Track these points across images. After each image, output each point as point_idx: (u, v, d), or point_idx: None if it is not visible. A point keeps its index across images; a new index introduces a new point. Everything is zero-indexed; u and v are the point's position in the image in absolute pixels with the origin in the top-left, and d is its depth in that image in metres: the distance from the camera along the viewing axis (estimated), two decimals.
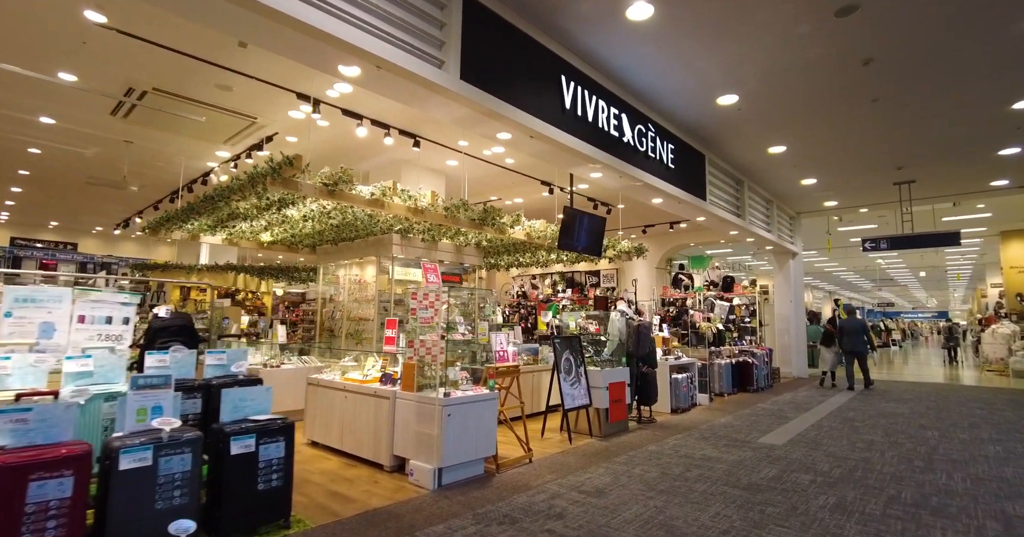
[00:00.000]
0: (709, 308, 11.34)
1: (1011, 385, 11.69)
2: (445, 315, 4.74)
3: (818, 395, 9.66)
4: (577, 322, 6.66)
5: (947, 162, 9.14)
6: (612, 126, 6.22)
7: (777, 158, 8.95)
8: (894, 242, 10.47)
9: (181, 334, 4.30)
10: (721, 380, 9.45)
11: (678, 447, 5.60)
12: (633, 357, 6.76)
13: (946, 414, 7.76)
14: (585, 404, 6.01)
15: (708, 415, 7.53)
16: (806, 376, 12.70)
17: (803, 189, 10.89)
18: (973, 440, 6.09)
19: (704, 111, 7.10)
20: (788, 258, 12.88)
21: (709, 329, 9.86)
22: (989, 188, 10.74)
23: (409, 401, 4.55)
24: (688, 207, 8.30)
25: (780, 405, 8.48)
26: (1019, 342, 14.01)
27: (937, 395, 9.77)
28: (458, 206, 6.55)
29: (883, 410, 8.05)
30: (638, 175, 6.70)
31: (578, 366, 6.06)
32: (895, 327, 31.71)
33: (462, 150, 8.16)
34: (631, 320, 6.70)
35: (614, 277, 16.59)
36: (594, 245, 7.16)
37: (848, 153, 8.76)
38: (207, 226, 8.00)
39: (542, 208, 12.09)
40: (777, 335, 12.85)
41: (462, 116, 4.94)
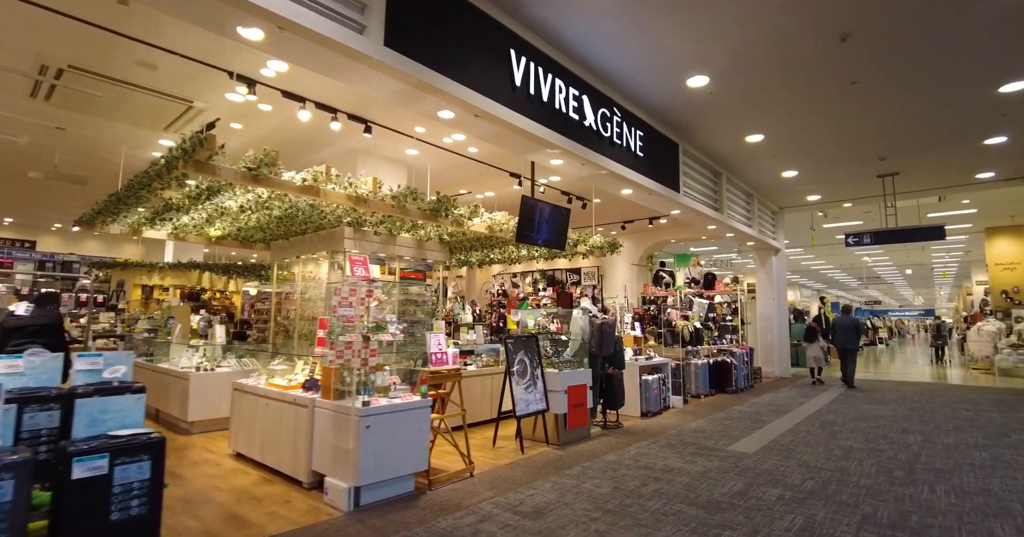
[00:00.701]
0: (688, 306, 10.87)
1: (997, 384, 11.31)
2: (375, 313, 4.21)
3: (799, 396, 9.21)
4: (537, 320, 6.14)
5: (931, 153, 8.71)
6: (571, 108, 5.70)
7: (755, 148, 8.48)
8: (878, 237, 10.05)
9: (43, 334, 3.74)
10: (697, 381, 8.97)
11: (640, 457, 5.10)
12: (596, 358, 6.26)
13: (930, 416, 7.32)
14: (541, 410, 5.50)
15: (679, 419, 7.04)
16: (789, 376, 12.27)
17: (784, 182, 10.45)
18: (958, 446, 5.63)
19: (674, 95, 6.61)
20: (771, 254, 12.44)
21: (685, 328, 9.38)
22: (974, 181, 10.34)
23: (327, 410, 4.01)
24: (660, 199, 7.80)
25: (757, 407, 8.01)
26: (1005, 340, 13.67)
27: (922, 395, 9.35)
28: (406, 195, 6.01)
29: (865, 412, 7.60)
30: (602, 163, 6.19)
31: (534, 368, 5.55)
32: (882, 325, 31.48)
33: (419, 137, 7.62)
34: (594, 318, 6.19)
35: (595, 275, 16.12)
36: (557, 238, 6.65)
37: (829, 143, 8.30)
38: (145, 219, 7.42)
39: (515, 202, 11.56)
40: (759, 334, 12.41)
41: (393, 90, 4.41)
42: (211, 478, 4.36)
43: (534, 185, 7.10)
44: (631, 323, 8.25)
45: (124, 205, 6.38)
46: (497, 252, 9.95)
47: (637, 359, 7.41)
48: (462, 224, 6.87)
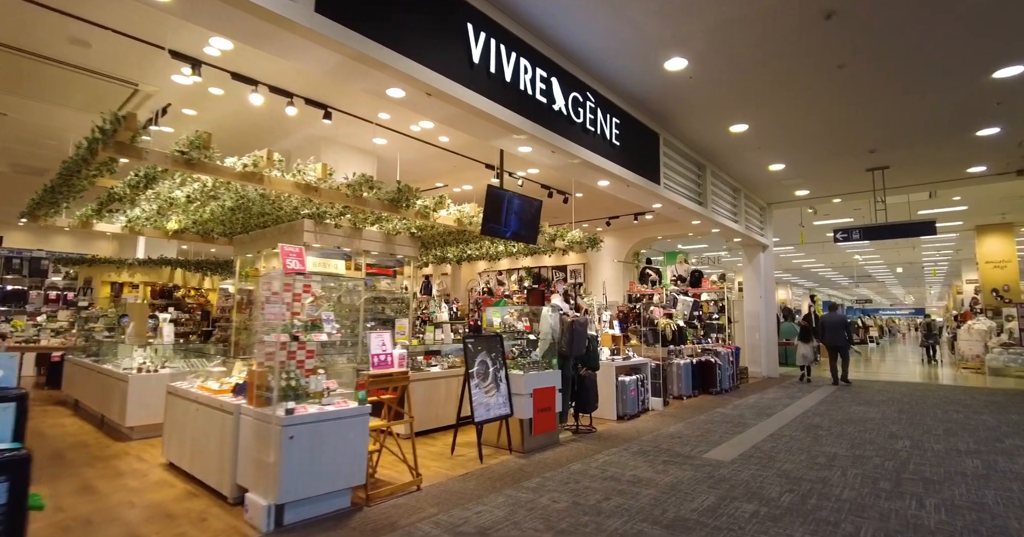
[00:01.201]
0: (672, 303, 10.49)
1: (988, 384, 11.01)
2: (309, 310, 3.79)
3: (785, 397, 8.85)
4: (504, 318, 5.73)
5: (922, 145, 8.36)
6: (538, 91, 5.29)
7: (740, 139, 8.10)
8: (867, 232, 9.70)
9: None
10: (680, 382, 8.59)
11: (607, 465, 4.70)
12: (567, 358, 5.86)
13: (920, 419, 6.96)
14: (504, 415, 5.09)
15: (657, 423, 6.65)
16: (777, 376, 11.92)
17: (772, 176, 10.08)
18: (948, 452, 5.27)
19: (652, 79, 6.20)
20: (758, 251, 12.08)
21: (667, 326, 8.99)
22: (966, 175, 10.01)
23: (251, 418, 3.59)
24: (640, 192, 7.40)
25: (741, 410, 7.63)
26: (995, 339, 13.38)
27: (911, 396, 9.01)
28: (361, 183, 5.58)
29: (852, 415, 7.24)
30: (574, 151, 5.78)
31: (497, 370, 5.14)
32: (872, 324, 31.30)
33: (383, 124, 7.19)
34: (564, 316, 5.79)
35: (581, 272, 15.73)
36: (527, 231, 6.24)
37: (816, 134, 7.93)
38: (92, 211, 6.96)
39: None
40: (746, 332, 12.05)
41: (332, 65, 3.98)
42: (130, 492, 3.93)
43: (502, 174, 6.67)
44: (609, 321, 7.86)
45: (60, 195, 5.92)
46: (474, 247, 9.54)
47: (614, 359, 7.02)
48: (428, 216, 6.45)
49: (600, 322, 7.84)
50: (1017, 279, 16.38)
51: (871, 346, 27.66)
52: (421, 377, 5.75)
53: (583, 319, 5.83)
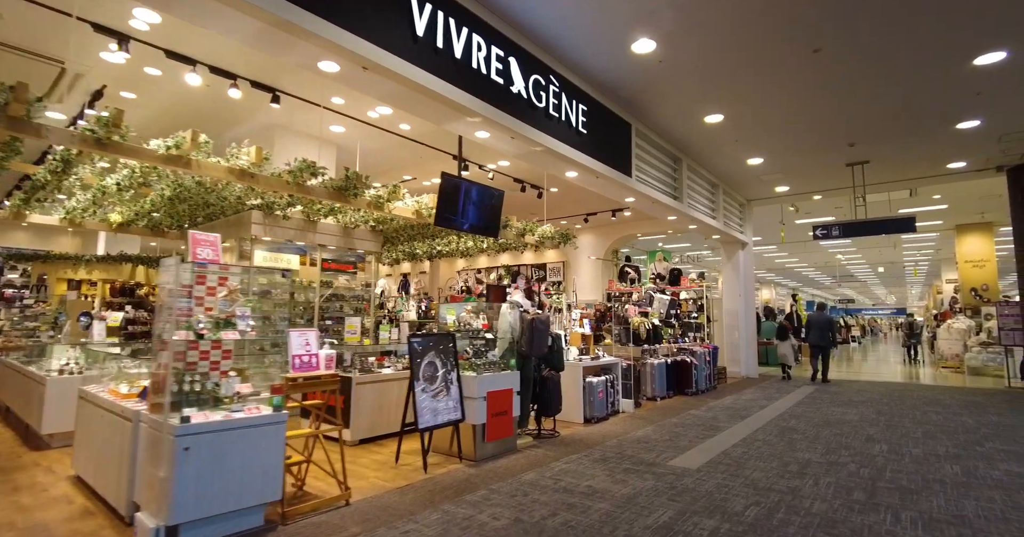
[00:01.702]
0: (648, 302, 10.16)
1: (967, 384, 10.83)
2: (222, 305, 3.36)
3: (762, 398, 8.55)
4: (459, 316, 5.33)
5: (902, 139, 8.11)
6: (494, 71, 4.90)
7: (716, 130, 7.78)
8: (846, 229, 9.45)
9: None
10: (653, 382, 8.26)
11: (562, 475, 4.32)
12: (528, 358, 5.47)
13: (898, 421, 6.68)
14: (454, 420, 4.69)
15: (625, 426, 6.29)
16: (756, 376, 11.65)
17: (750, 171, 9.79)
18: (927, 457, 4.97)
19: (619, 63, 5.85)
20: (738, 249, 11.81)
21: (641, 325, 8.65)
22: (946, 172, 9.81)
23: (147, 426, 3.15)
24: (610, 184, 7.04)
25: (716, 411, 7.31)
26: (974, 338, 13.25)
27: (891, 397, 8.76)
28: (302, 169, 5.15)
29: (829, 417, 6.94)
30: (536, 137, 5.40)
31: (448, 372, 4.74)
32: (855, 323, 31.36)
33: (338, 110, 6.76)
34: (525, 313, 5.40)
35: (561, 270, 15.39)
36: (486, 223, 5.85)
37: (794, 126, 7.64)
38: (20, 201, 6.45)
39: None
40: (725, 331, 11.77)
41: (254, 32, 3.57)
42: (18, 510, 3.47)
43: (460, 162, 6.26)
44: (579, 320, 7.50)
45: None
46: (442, 243, 9.13)
47: (581, 359, 6.65)
48: (382, 207, 6.03)
49: (570, 320, 7.48)
50: (995, 278, 16.37)
51: (853, 345, 27.68)
52: (371, 379, 5.33)
53: (544, 317, 5.45)
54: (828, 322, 10.97)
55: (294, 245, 7.25)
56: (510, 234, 7.87)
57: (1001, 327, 10.39)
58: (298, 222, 6.97)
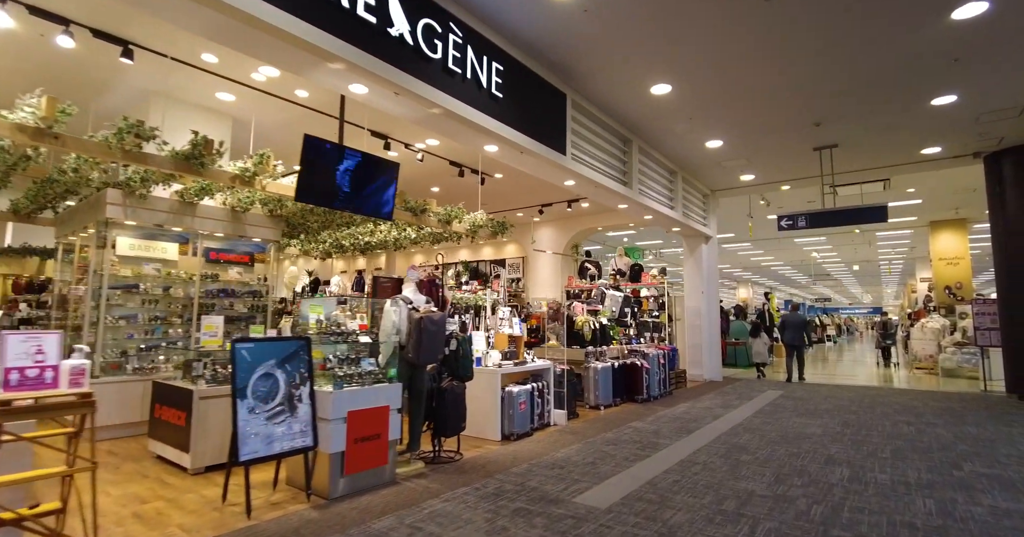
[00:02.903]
0: (600, 299, 9.20)
1: (941, 386, 10.04)
2: None
3: (720, 406, 7.62)
4: (329, 315, 4.27)
5: (872, 117, 7.22)
6: (361, 5, 3.85)
7: (665, 105, 6.82)
8: (814, 219, 8.56)
9: None
10: (597, 389, 7.27)
11: (429, 520, 3.29)
12: (417, 366, 4.44)
13: (865, 435, 5.77)
14: (298, 448, 3.63)
15: (548, 444, 5.29)
16: (720, 379, 10.75)
17: (711, 156, 8.86)
18: (895, 486, 4.03)
19: (538, 12, 4.83)
20: (700, 242, 10.89)
21: (586, 324, 7.67)
22: (920, 158, 8.98)
23: None
24: (540, 163, 6.04)
25: (661, 423, 6.35)
26: (949, 338, 12.52)
27: (860, 404, 7.88)
28: (126, 130, 4.04)
29: (789, 430, 6.01)
30: (430, 96, 4.37)
31: (296, 386, 3.68)
32: (830, 322, 30.88)
33: (209, 69, 5.65)
34: (414, 312, 4.37)
35: (520, 266, 14.40)
36: (369, 201, 4.79)
37: (753, 100, 6.69)
38: None
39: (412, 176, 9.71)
40: (687, 331, 10.85)
41: None
42: None
43: (343, 127, 5.14)
44: (508, 319, 6.48)
45: None
46: (363, 231, 8.04)
47: (502, 365, 5.63)
48: (250, 182, 4.95)
49: (497, 320, 6.46)
50: (969, 276, 15.78)
51: (828, 344, 27.12)
52: (220, 393, 4.26)
53: (438, 316, 4.40)
54: (802, 321, 10.94)
55: (172, 232, 6.12)
56: (431, 221, 6.83)
57: (977, 326, 9.60)
58: (172, 204, 5.85)
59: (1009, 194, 8.53)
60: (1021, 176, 8.42)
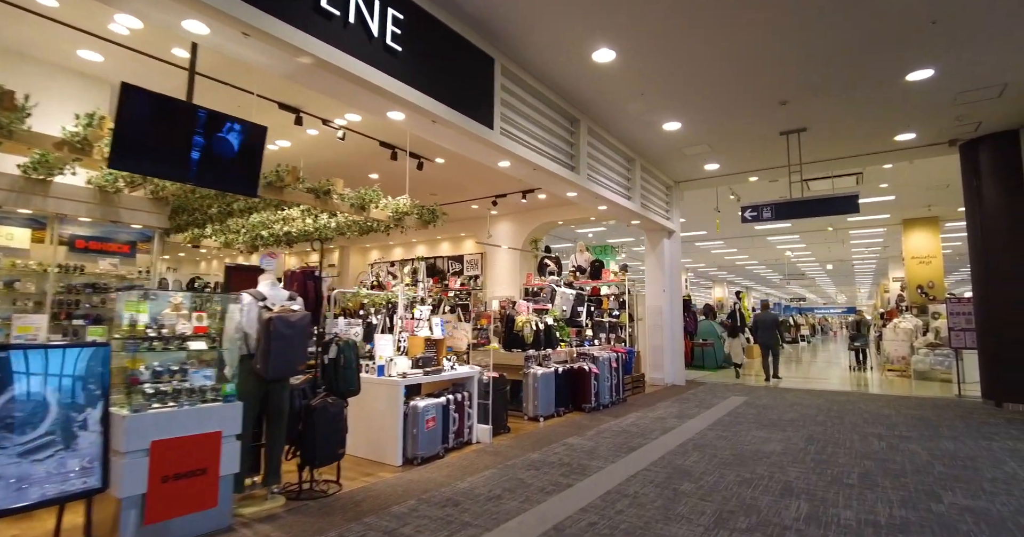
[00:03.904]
0: (549, 297, 8.33)
1: (914, 391, 9.37)
2: None
3: (674, 416, 6.79)
4: (155, 314, 3.30)
5: (842, 95, 6.44)
6: None
7: (612, 77, 5.95)
8: (780, 209, 7.78)
9: None
10: (536, 399, 6.39)
11: None
12: (272, 380, 3.49)
13: (831, 453, 4.97)
14: (79, 492, 2.67)
15: (456, 470, 4.37)
16: (683, 383, 9.95)
17: (670, 141, 8.03)
18: (861, 528, 3.20)
19: None
20: (662, 237, 10.08)
21: (527, 325, 6.78)
22: (893, 146, 8.26)
23: None
24: (460, 136, 5.13)
25: (602, 438, 5.48)
26: (921, 339, 11.93)
27: (828, 412, 7.12)
28: None
29: (745, 447, 5.19)
30: (293, 39, 3.43)
31: (76, 409, 2.72)
32: (804, 322, 30.53)
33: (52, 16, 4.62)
34: (266, 311, 3.43)
35: (479, 263, 13.49)
36: (228, 174, 3.81)
37: (710, 74, 5.86)
38: None
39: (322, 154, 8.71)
40: (648, 332, 10.04)
41: None
42: None
43: (192, 80, 4.13)
44: (426, 319, 5.55)
45: None
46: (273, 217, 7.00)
47: (407, 375, 4.70)
48: (85, 151, 3.94)
49: (416, 320, 5.53)
50: (941, 276, 15.35)
51: (802, 344, 26.70)
52: None
53: (296, 316, 3.46)
54: (774, 320, 10.99)
55: (20, 215, 5.08)
56: (341, 205, 5.87)
57: (951, 327, 8.94)
58: (14, 180, 4.80)
59: (986, 185, 7.86)
60: (999, 165, 7.74)
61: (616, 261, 12.11)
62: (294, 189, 5.32)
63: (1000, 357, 7.54)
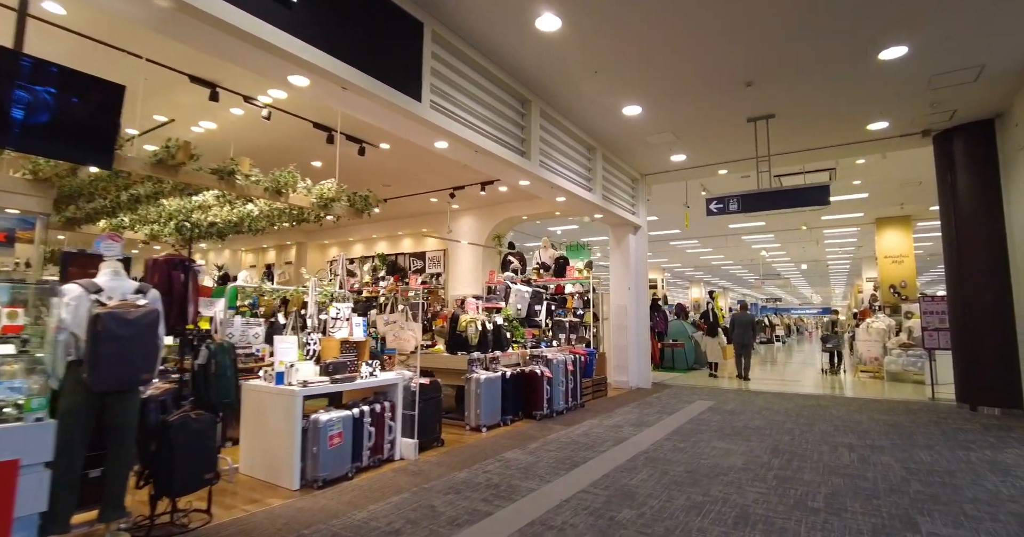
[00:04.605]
0: (503, 295, 7.71)
1: (887, 393, 8.96)
2: None
3: (631, 423, 6.21)
4: None
5: (812, 76, 5.95)
6: None
7: (561, 51, 5.35)
8: (747, 201, 7.27)
9: None
10: (479, 406, 5.74)
11: None
12: (98, 393, 2.78)
13: (797, 468, 4.42)
14: None
15: (361, 496, 3.70)
16: (648, 386, 9.41)
17: (632, 127, 7.47)
18: None
19: None
20: (627, 232, 9.53)
21: (471, 326, 6.14)
22: (866, 136, 7.83)
23: None
24: (377, 106, 4.46)
25: (545, 452, 4.86)
26: (895, 339, 11.59)
27: (798, 419, 6.62)
28: None
29: (703, 461, 4.61)
30: None
31: None
32: (779, 323, 30.44)
33: None
34: (98, 305, 2.74)
35: (441, 260, 12.81)
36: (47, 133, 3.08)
37: (668, 49, 5.29)
38: None
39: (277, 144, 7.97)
40: (612, 332, 9.48)
41: None
42: None
43: (23, 26, 3.38)
44: (345, 318, 4.87)
45: None
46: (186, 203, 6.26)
47: (308, 384, 4.00)
48: None
49: (331, 320, 4.84)
50: (914, 275, 15.18)
51: (777, 345, 26.54)
52: None
53: (137, 312, 2.76)
54: (750, 321, 11.20)
55: None
56: (256, 189, 5.16)
57: (925, 326, 8.56)
58: None
59: (960, 178, 7.45)
60: (974, 157, 7.34)
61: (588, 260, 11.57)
62: (193, 169, 4.60)
63: (975, 359, 7.12)
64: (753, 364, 11.84)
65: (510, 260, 10.40)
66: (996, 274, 7.03)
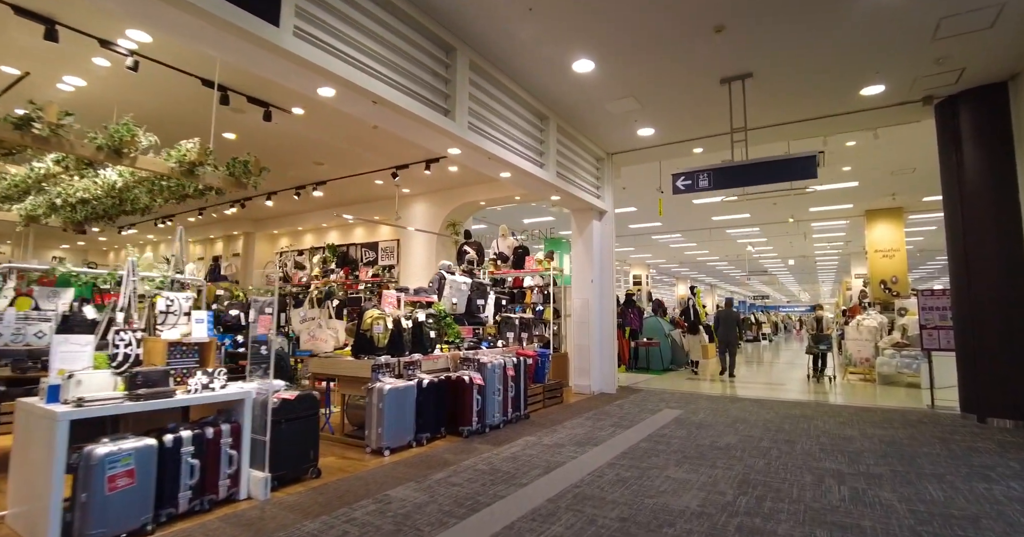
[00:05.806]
0: (435, 287, 6.55)
1: (879, 401, 7.91)
2: None
3: (578, 440, 5.07)
4: None
5: (795, 16, 4.83)
6: None
7: None
8: (720, 176, 6.13)
9: None
10: (381, 424, 4.58)
11: None
12: None
13: (771, 507, 3.30)
14: None
15: None
16: (614, 390, 8.29)
17: (585, 88, 6.32)
18: None
19: None
20: (591, 218, 8.39)
21: (376, 324, 4.98)
22: (858, 105, 6.74)
23: None
24: (211, 28, 3.28)
25: (442, 489, 3.71)
26: (887, 338, 10.57)
27: (776, 435, 5.52)
28: None
29: (646, 503, 3.48)
30: None
31: None
32: (766, 320, 29.51)
33: None
34: None
35: (394, 251, 11.64)
36: None
37: None
38: None
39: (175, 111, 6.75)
40: (573, 329, 8.35)
41: None
42: None
43: None
44: (176, 313, 3.69)
45: None
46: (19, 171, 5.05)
47: (85, 403, 2.82)
48: None
49: (160, 315, 3.66)
50: (905, 270, 14.20)
51: (764, 343, 25.59)
52: None
53: None
54: (735, 319, 10.96)
55: None
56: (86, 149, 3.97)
57: (923, 324, 7.50)
58: None
59: (967, 154, 6.38)
60: (982, 129, 6.28)
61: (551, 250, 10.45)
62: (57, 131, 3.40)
63: (983, 362, 6.07)
64: (738, 362, 10.99)
65: (466, 250, 9.26)
66: (1008, 263, 5.98)
